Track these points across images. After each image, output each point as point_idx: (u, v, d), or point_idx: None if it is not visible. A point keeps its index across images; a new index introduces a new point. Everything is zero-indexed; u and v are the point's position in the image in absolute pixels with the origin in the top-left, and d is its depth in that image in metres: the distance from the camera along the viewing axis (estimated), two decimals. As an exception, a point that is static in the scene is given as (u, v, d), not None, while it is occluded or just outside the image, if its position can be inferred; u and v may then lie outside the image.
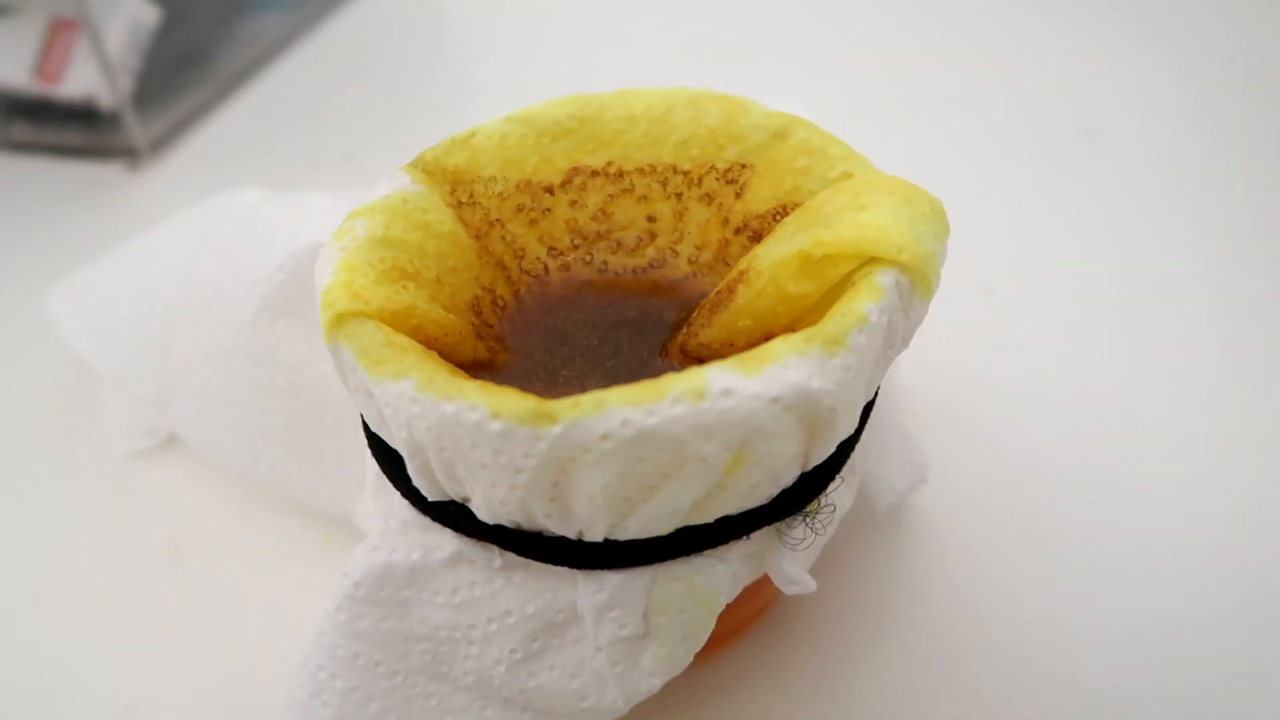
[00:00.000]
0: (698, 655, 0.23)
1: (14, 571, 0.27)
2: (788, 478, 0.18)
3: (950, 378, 0.31)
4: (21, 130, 0.47)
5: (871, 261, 0.18)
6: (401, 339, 0.18)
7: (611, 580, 0.18)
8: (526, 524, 0.18)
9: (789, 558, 0.19)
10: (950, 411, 0.30)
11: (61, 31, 0.45)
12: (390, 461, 0.19)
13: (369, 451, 0.20)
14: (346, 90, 0.51)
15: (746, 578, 0.19)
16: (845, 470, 0.20)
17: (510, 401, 0.16)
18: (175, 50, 0.49)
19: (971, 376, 0.31)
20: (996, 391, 0.30)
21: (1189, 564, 0.25)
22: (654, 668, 0.19)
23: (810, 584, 0.20)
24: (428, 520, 0.19)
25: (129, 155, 0.46)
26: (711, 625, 0.19)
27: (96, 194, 0.44)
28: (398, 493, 0.19)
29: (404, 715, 0.19)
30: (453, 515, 0.18)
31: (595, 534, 0.17)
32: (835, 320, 0.17)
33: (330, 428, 0.25)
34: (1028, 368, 0.31)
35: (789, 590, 0.19)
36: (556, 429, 0.16)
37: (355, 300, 0.18)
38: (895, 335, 0.18)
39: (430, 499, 0.18)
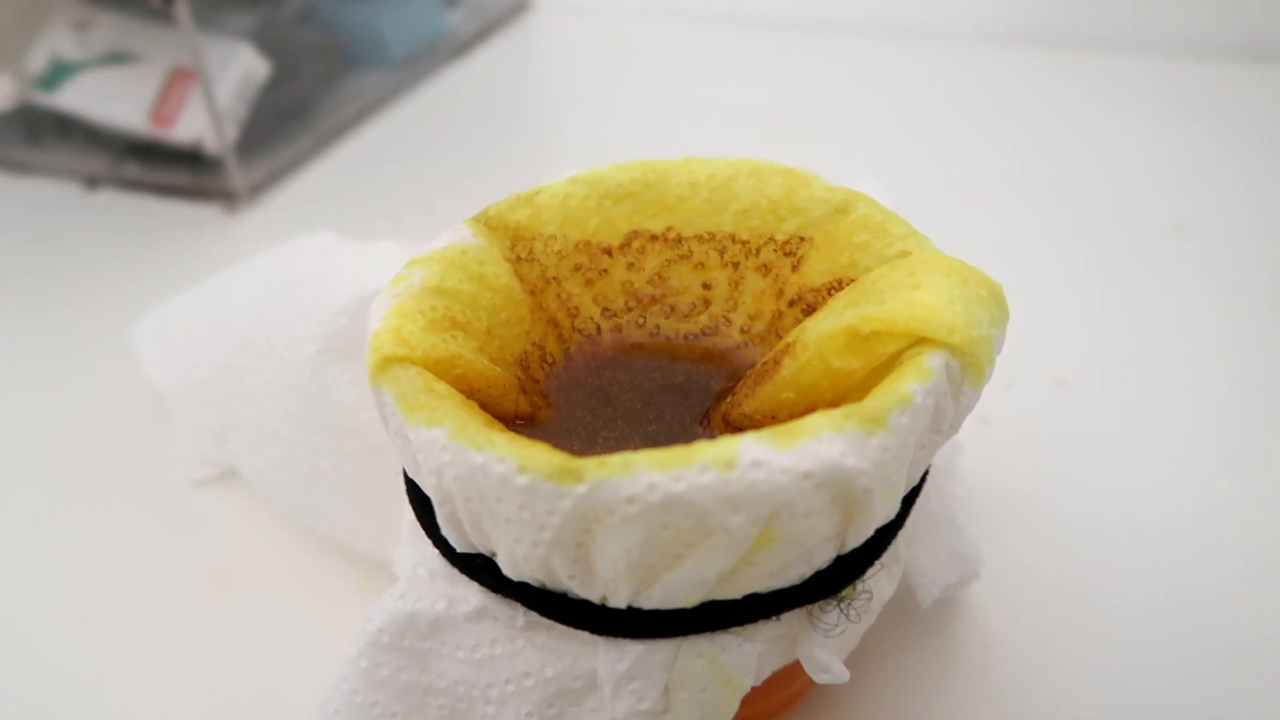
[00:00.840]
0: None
1: (63, 586, 0.27)
2: (821, 559, 0.17)
3: (1015, 470, 0.30)
4: (133, 169, 0.49)
5: (921, 342, 0.17)
6: (442, 387, 0.18)
7: (633, 650, 0.18)
8: (550, 584, 0.17)
9: (821, 644, 0.18)
10: (1013, 507, 0.28)
11: (179, 80, 0.47)
12: (423, 508, 0.19)
13: (407, 498, 0.20)
14: (435, 148, 0.53)
15: (775, 662, 0.19)
16: (886, 557, 0.19)
17: (538, 456, 0.16)
18: (281, 103, 0.51)
19: (1038, 470, 0.30)
20: (1064, 489, 0.29)
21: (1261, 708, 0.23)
22: (671, 747, 0.18)
23: (843, 674, 0.19)
24: (455, 572, 0.19)
25: (228, 198, 0.48)
26: (734, 708, 0.18)
27: (195, 232, 0.46)
28: (430, 541, 0.19)
29: (414, 769, 0.19)
30: (479, 569, 0.18)
31: (618, 600, 0.17)
32: (877, 399, 0.16)
33: (376, 472, 0.25)
34: (1099, 466, 0.30)
35: (820, 679, 0.19)
36: (582, 488, 0.15)
37: (401, 345, 0.18)
38: (943, 420, 0.18)
39: (458, 550, 0.18)
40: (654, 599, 0.17)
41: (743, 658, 0.18)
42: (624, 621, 0.17)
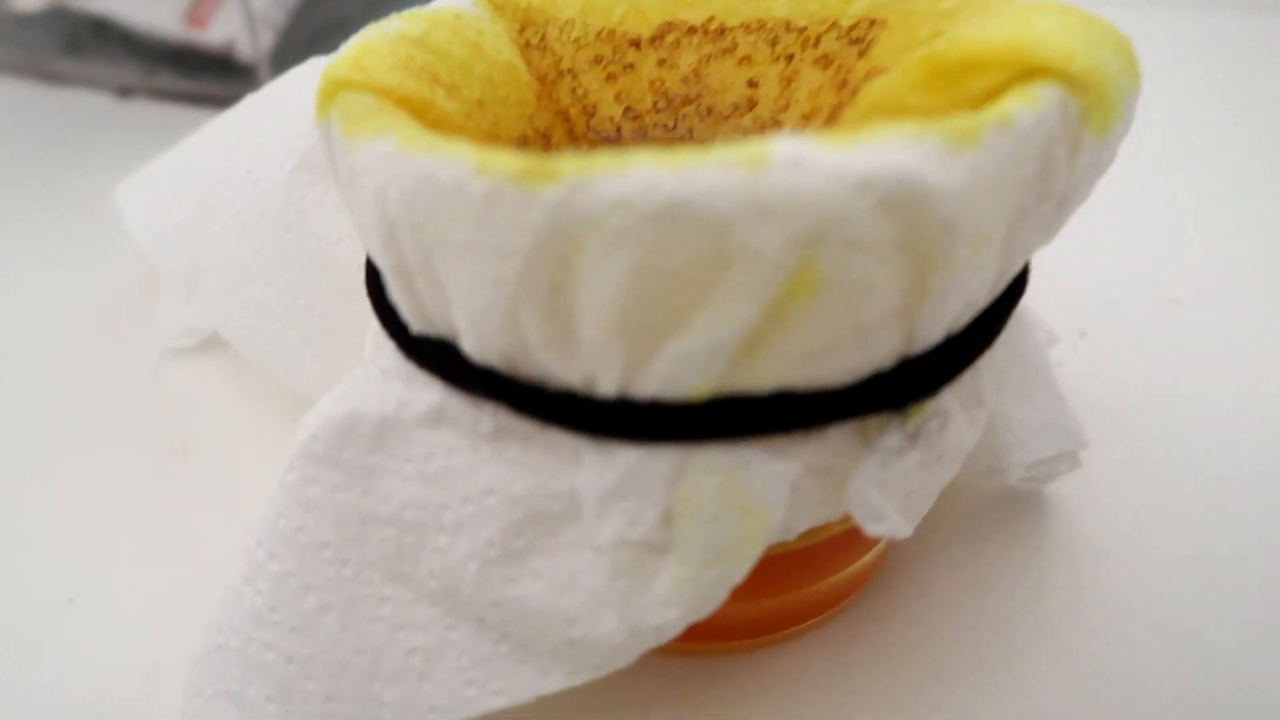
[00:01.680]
0: (750, 635, 0.18)
1: (11, 455, 0.24)
2: (882, 349, 0.13)
3: (1115, 388, 0.25)
4: (165, 78, 0.47)
5: (1029, 75, 0.13)
6: (400, 112, 0.14)
7: (624, 458, 0.13)
8: (523, 363, 0.13)
9: (877, 478, 0.14)
10: (1109, 426, 0.23)
11: (215, -18, 0.45)
12: (378, 292, 0.15)
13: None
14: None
15: (815, 505, 0.14)
16: (966, 385, 0.15)
17: (502, 157, 0.12)
18: (320, 18, 0.49)
19: (1141, 390, 0.25)
20: (1169, 411, 0.24)
21: None
22: (669, 594, 0.14)
23: (901, 526, 0.14)
24: (412, 370, 0.15)
25: (259, 111, 0.45)
26: (754, 554, 0.14)
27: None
28: (384, 332, 0.16)
29: (347, 620, 0.15)
30: (438, 356, 0.14)
31: (607, 383, 0.13)
32: (968, 117, 0.12)
33: (355, 314, 0.21)
34: (1210, 391, 0.25)
35: (872, 529, 0.14)
36: (556, 192, 0.11)
37: (358, 72, 0.14)
38: (1054, 176, 0.13)
39: (414, 329, 0.14)
40: (654, 381, 0.13)
41: (770, 481, 0.13)
42: (614, 416, 0.13)
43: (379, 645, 0.15)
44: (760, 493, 0.13)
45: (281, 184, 0.21)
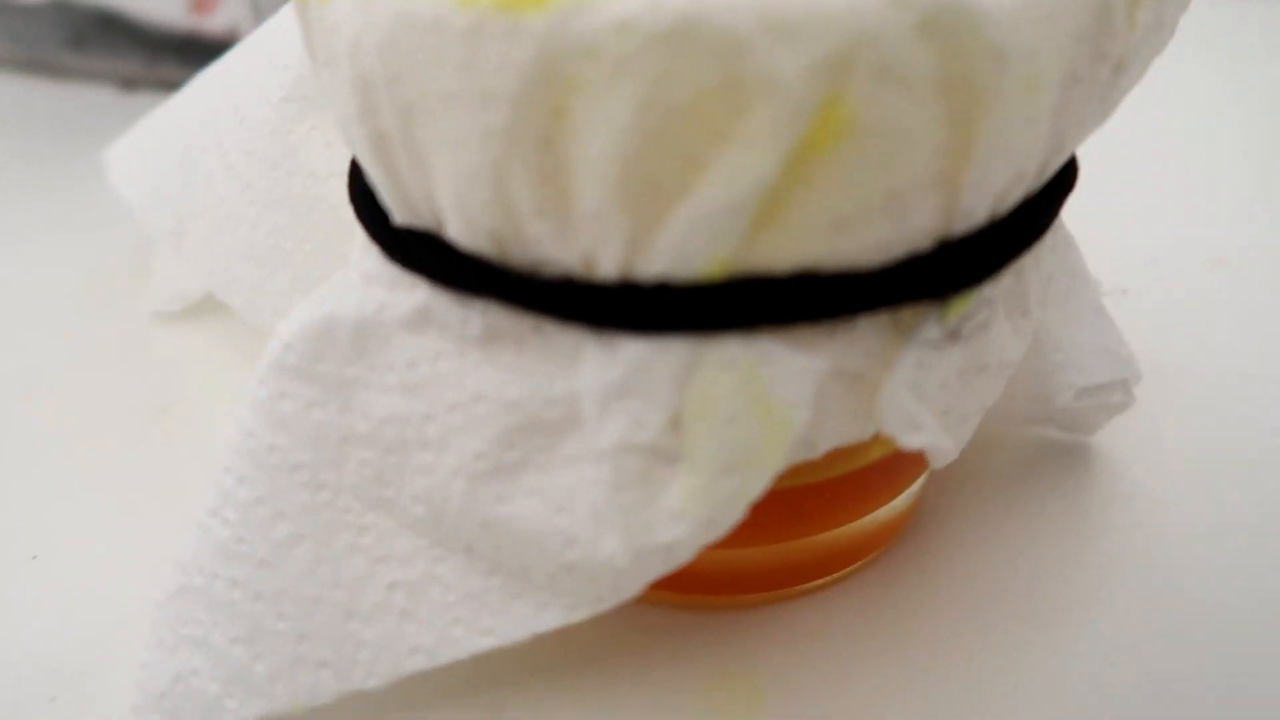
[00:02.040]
0: (768, 587, 0.16)
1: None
2: (918, 221, 0.11)
3: (1157, 343, 0.23)
4: (169, 69, 0.47)
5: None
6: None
7: (628, 351, 0.12)
8: (514, 245, 0.12)
9: (912, 381, 0.12)
10: (1172, 381, 0.22)
11: (220, -30, 0.44)
12: (359, 187, 0.14)
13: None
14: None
15: (842, 415, 0.13)
16: (1011, 288, 0.13)
17: (489, -13, 0.10)
18: (328, 8, 0.48)
19: (1183, 346, 0.23)
20: (1212, 366, 0.22)
21: None
22: (679, 508, 0.12)
23: (941, 439, 0.13)
24: (396, 271, 0.13)
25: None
26: (775, 463, 0.12)
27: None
28: (373, 249, 0.14)
29: (322, 551, 0.13)
30: (423, 250, 0.13)
31: (608, 261, 0.11)
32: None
33: (345, 257, 0.20)
34: (1255, 349, 0.23)
35: (907, 439, 0.13)
36: (547, 18, 0.10)
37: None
38: (1111, 35, 0.12)
39: (397, 219, 0.13)
40: (661, 256, 0.11)
41: (794, 378, 0.12)
42: (617, 302, 0.12)
43: (357, 579, 0.13)
44: (782, 391, 0.12)
45: (268, 118, 0.20)
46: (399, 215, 0.13)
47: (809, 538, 0.16)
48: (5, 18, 0.51)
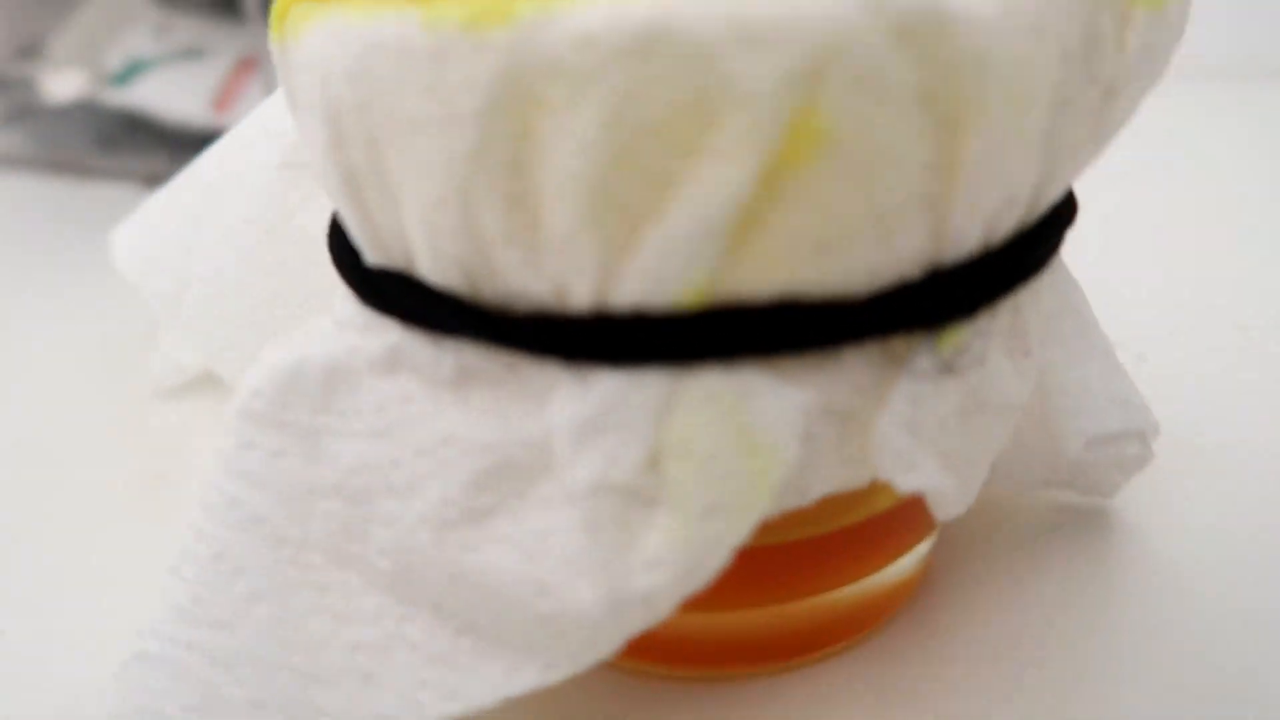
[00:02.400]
0: (763, 659, 0.15)
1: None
2: (905, 245, 0.11)
3: (1173, 409, 0.22)
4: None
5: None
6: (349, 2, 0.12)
7: (604, 384, 0.11)
8: (485, 279, 0.11)
9: (906, 420, 0.12)
10: (1193, 447, 0.21)
11: (243, 69, 0.46)
12: (335, 236, 0.14)
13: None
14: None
15: (833, 457, 0.12)
16: (1010, 325, 0.13)
17: (452, 8, 0.10)
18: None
19: (1200, 412, 0.22)
20: (1231, 431, 0.21)
21: None
22: (658, 554, 0.11)
23: (940, 482, 0.12)
24: (369, 315, 0.13)
25: (281, 195, 0.45)
26: (761, 505, 0.11)
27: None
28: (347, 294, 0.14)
29: (282, 611, 0.13)
30: (394, 290, 0.12)
31: (581, 291, 0.11)
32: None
33: (337, 320, 0.20)
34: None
35: (902, 481, 0.12)
36: (510, 34, 0.10)
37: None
38: (1100, 56, 0.11)
39: (369, 258, 0.13)
40: (635, 282, 0.11)
41: (779, 411, 0.11)
42: (590, 334, 0.11)
43: (319, 641, 0.13)
44: (767, 425, 0.11)
45: (266, 185, 0.20)
46: (371, 255, 0.13)
47: (807, 599, 0.15)
48: (35, 120, 0.53)
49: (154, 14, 0.49)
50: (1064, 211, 0.13)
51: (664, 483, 0.11)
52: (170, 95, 0.48)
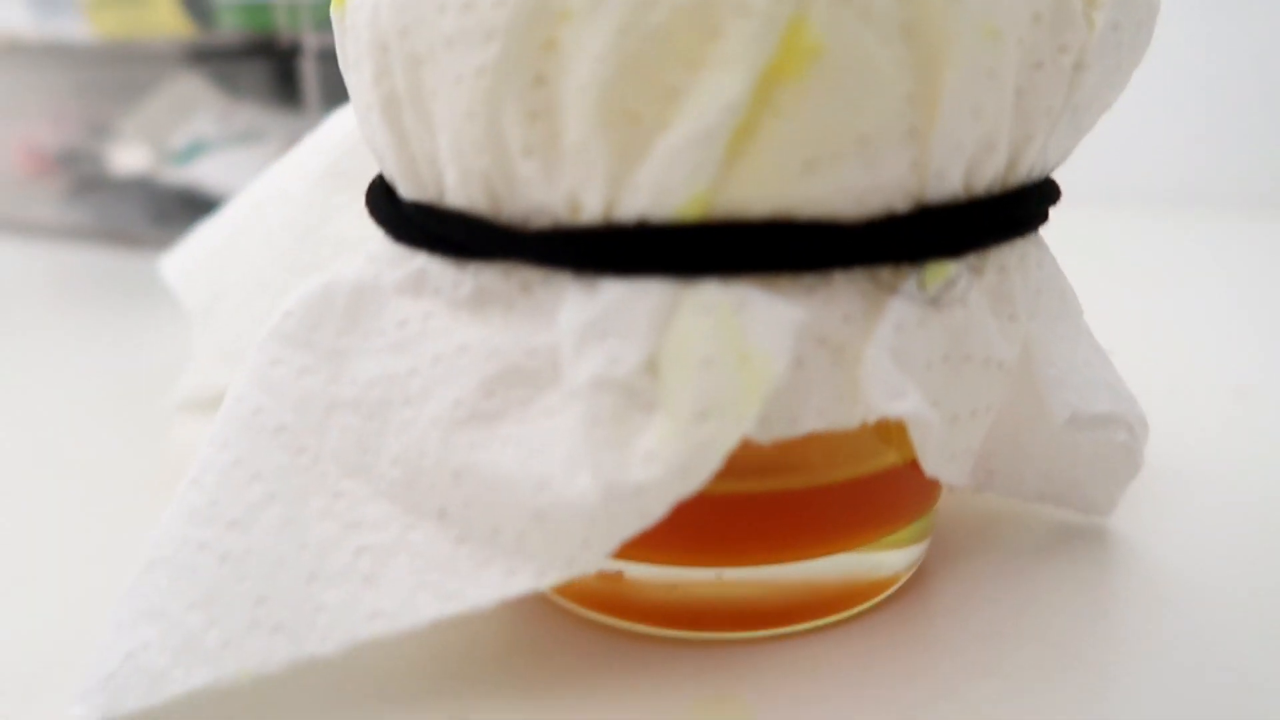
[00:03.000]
0: (753, 623, 0.15)
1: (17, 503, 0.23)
2: (890, 172, 0.12)
3: (1170, 469, 0.22)
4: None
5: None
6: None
7: (609, 291, 0.12)
8: (505, 195, 0.13)
9: (892, 347, 0.12)
10: (1184, 506, 0.21)
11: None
12: (373, 189, 0.15)
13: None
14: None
15: (824, 389, 0.12)
16: (996, 285, 0.14)
17: (494, -60, 0.12)
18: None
19: (1195, 472, 0.22)
20: (1230, 491, 0.22)
21: None
22: (652, 450, 0.12)
23: (924, 409, 0.12)
24: (397, 249, 0.14)
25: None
26: (750, 411, 0.12)
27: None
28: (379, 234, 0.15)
29: (294, 512, 0.13)
30: (423, 220, 0.14)
31: (592, 201, 0.12)
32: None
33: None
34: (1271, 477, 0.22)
35: (888, 407, 0.12)
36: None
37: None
38: (1069, 25, 0.13)
39: (402, 192, 0.14)
40: (642, 192, 0.12)
41: (771, 325, 0.12)
42: (599, 244, 0.12)
43: (325, 542, 0.13)
44: (760, 337, 0.12)
45: (307, 192, 0.22)
46: (404, 188, 0.14)
47: (796, 563, 0.15)
48: (99, 194, 0.56)
49: (219, 101, 0.53)
50: (1047, 189, 0.14)
51: (661, 386, 0.12)
52: (225, 173, 0.51)
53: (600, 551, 0.12)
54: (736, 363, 0.12)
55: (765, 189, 0.12)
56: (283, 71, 0.48)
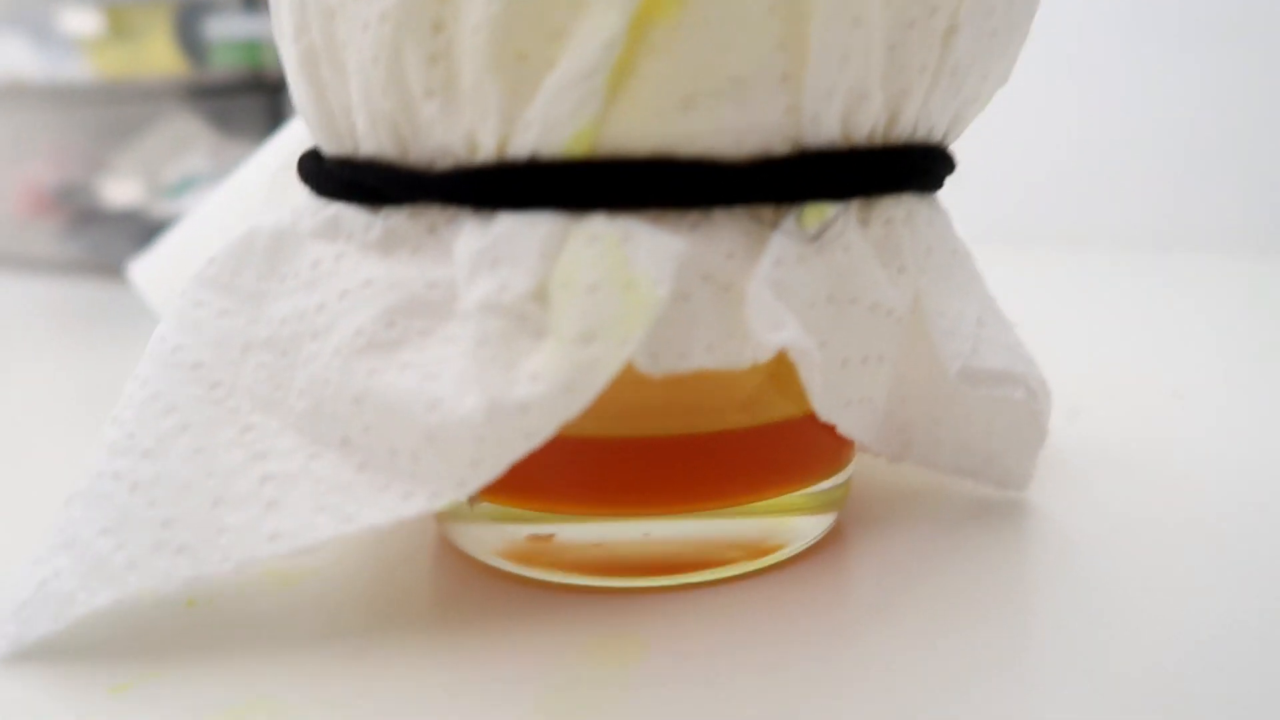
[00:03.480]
0: (670, 569, 0.16)
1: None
2: (765, 113, 0.13)
3: (1105, 467, 0.23)
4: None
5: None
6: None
7: (502, 222, 0.13)
8: (409, 132, 0.13)
9: (774, 281, 0.13)
10: (1113, 493, 0.21)
11: (282, 185, 0.50)
12: (303, 161, 0.16)
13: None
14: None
15: (712, 325, 0.13)
16: (883, 235, 0.14)
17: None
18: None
19: (1131, 468, 0.23)
20: (1162, 484, 0.22)
21: None
22: (539, 369, 0.12)
23: (803, 339, 0.13)
24: (317, 202, 0.15)
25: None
26: (634, 334, 0.12)
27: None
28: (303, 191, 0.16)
29: (204, 441, 0.14)
30: (339, 172, 0.14)
31: (486, 139, 0.13)
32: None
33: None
34: (1205, 473, 0.22)
35: (769, 337, 0.13)
36: (440, -91, 0.12)
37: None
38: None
39: (321, 145, 0.15)
40: (532, 128, 0.13)
41: (655, 253, 0.13)
42: (493, 180, 0.13)
43: (232, 469, 0.14)
44: (645, 264, 0.13)
45: (264, 185, 0.23)
46: (322, 141, 0.15)
47: (720, 519, 0.15)
48: (93, 228, 0.57)
49: (211, 137, 0.55)
50: (936, 154, 0.15)
51: (549, 312, 0.13)
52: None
53: (489, 472, 0.13)
54: (621, 288, 0.12)
55: (646, 126, 0.13)
56: (272, 107, 0.49)
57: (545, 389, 0.12)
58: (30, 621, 0.14)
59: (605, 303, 0.12)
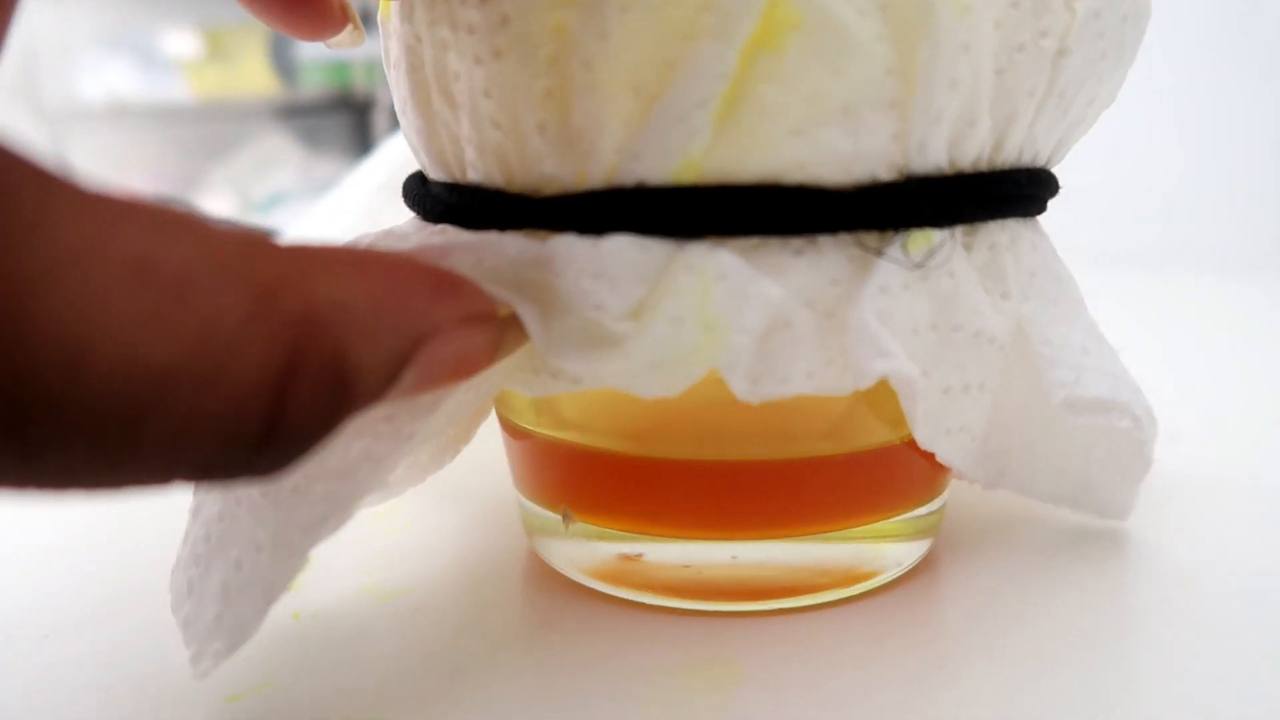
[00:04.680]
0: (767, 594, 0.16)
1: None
2: (874, 140, 0.13)
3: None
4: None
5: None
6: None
7: (612, 241, 0.13)
8: (518, 162, 0.14)
9: (878, 309, 0.13)
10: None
11: (367, 200, 0.52)
12: (409, 183, 0.16)
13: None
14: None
15: (812, 352, 0.13)
16: (987, 261, 0.14)
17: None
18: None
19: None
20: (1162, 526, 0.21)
21: None
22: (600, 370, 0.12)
23: (908, 369, 0.13)
24: (424, 226, 0.15)
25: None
26: (697, 372, 0.12)
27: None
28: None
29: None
30: (445, 195, 0.15)
31: (597, 166, 0.13)
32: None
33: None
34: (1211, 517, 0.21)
35: (873, 365, 0.13)
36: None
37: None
38: (1050, 15, 0.13)
39: (429, 174, 0.15)
40: (640, 159, 0.13)
41: (745, 300, 0.12)
42: (603, 205, 0.13)
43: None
44: (729, 310, 0.12)
45: (364, 201, 0.24)
46: (430, 169, 0.15)
47: (811, 543, 0.15)
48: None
49: (300, 155, 0.57)
50: (1040, 177, 0.15)
51: (633, 332, 0.13)
52: (300, 220, 0.54)
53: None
54: (702, 328, 0.12)
55: (754, 154, 0.13)
56: (359, 124, 0.51)
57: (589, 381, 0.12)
58: (237, 625, 0.13)
59: (683, 337, 0.12)
